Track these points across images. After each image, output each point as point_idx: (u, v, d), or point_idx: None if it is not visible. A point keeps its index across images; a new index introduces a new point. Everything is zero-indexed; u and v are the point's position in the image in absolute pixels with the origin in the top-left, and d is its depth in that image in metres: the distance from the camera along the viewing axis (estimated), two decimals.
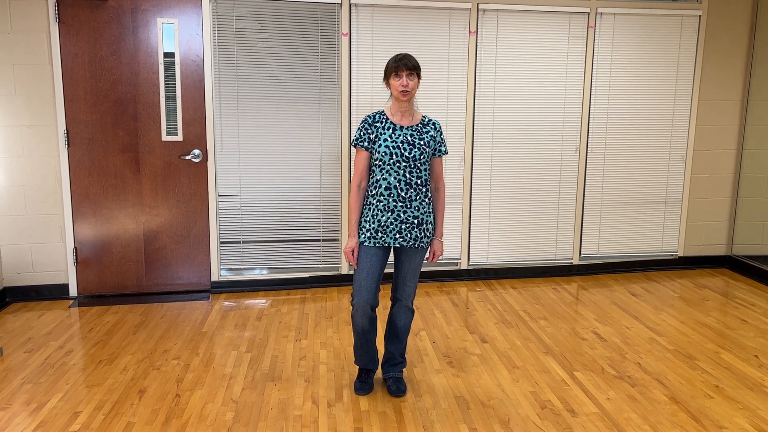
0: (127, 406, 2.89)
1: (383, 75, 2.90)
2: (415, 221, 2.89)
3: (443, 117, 4.64)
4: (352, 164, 4.11)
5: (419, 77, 2.84)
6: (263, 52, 4.35)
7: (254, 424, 2.74)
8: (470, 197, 4.78)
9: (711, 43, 4.93)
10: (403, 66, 2.79)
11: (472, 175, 4.75)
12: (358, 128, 2.90)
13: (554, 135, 4.82)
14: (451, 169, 4.72)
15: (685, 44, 4.90)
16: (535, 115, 4.77)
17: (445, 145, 2.98)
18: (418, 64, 2.82)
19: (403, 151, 2.84)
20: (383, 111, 2.92)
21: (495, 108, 4.71)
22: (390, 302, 3.18)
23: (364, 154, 2.89)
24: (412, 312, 3.07)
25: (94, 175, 4.26)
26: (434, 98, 4.61)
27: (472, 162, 4.74)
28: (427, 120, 2.94)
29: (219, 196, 4.45)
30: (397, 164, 2.84)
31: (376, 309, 3.96)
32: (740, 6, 4.91)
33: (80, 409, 2.85)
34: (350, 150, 4.54)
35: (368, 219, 2.89)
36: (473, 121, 4.69)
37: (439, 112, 4.63)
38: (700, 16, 4.86)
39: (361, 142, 2.88)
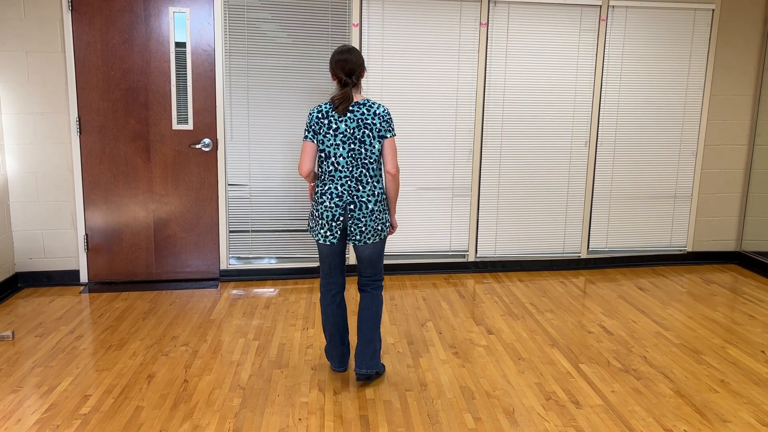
0: (136, 391, 2.93)
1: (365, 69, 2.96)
2: None
3: (453, 109, 4.64)
4: None
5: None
6: (274, 42, 4.36)
7: (261, 410, 2.78)
8: (479, 189, 4.78)
9: (723, 37, 4.90)
10: None
11: (480, 167, 4.76)
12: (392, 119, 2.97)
13: (564, 128, 4.81)
14: (461, 161, 4.72)
15: (697, 38, 4.87)
16: (545, 108, 4.76)
17: None
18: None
19: None
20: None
21: (505, 100, 4.70)
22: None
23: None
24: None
25: (105, 163, 4.30)
26: (444, 90, 4.60)
27: (481, 154, 4.74)
28: None
29: (228, 185, 4.48)
30: None
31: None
32: (753, 0, 4.87)
33: (90, 393, 2.90)
34: None
35: None
36: (483, 113, 4.69)
37: (448, 104, 4.63)
38: (713, 10, 4.82)
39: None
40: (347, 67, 2.86)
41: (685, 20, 4.82)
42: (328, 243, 2.95)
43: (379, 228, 2.95)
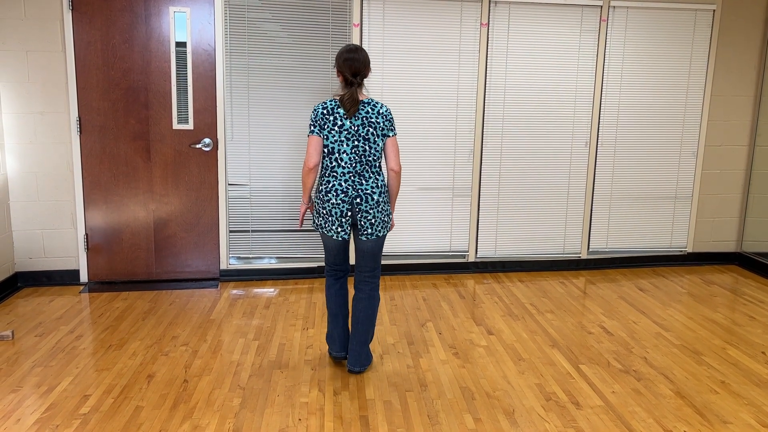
0: (135, 391, 2.93)
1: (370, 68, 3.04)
2: None
3: (453, 109, 4.64)
4: None
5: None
6: (274, 42, 4.36)
7: (261, 411, 2.77)
8: (479, 190, 4.78)
9: (724, 38, 4.89)
10: None
11: (481, 167, 4.75)
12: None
13: (564, 128, 4.81)
14: (461, 161, 4.72)
15: (698, 39, 4.86)
16: (546, 109, 4.76)
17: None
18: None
19: None
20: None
21: (505, 101, 4.70)
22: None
23: None
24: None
25: (105, 163, 4.30)
26: (445, 90, 4.60)
27: (481, 154, 4.73)
28: None
29: (229, 185, 4.48)
30: None
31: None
32: (754, 1, 4.87)
33: (90, 393, 2.89)
34: None
35: None
36: (483, 113, 4.69)
37: (449, 104, 4.63)
38: (713, 10, 4.82)
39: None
40: (354, 67, 2.92)
41: (685, 21, 4.82)
42: (340, 239, 3.02)
43: (386, 219, 3.05)
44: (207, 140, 4.37)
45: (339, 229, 2.99)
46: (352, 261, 4.74)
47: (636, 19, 4.75)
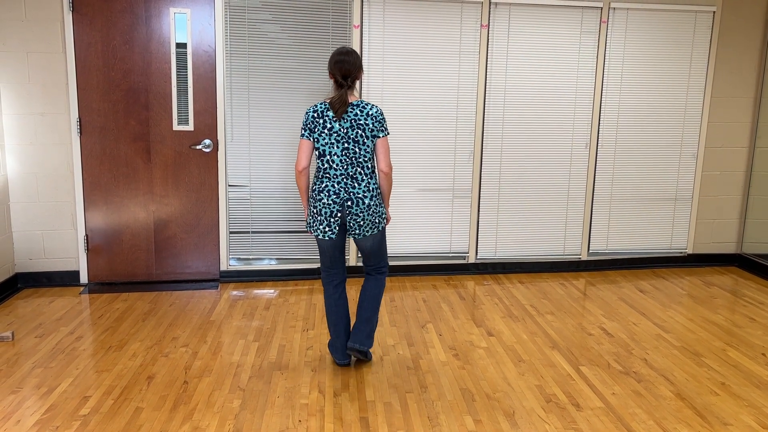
0: (135, 392, 2.92)
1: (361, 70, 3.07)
2: None
3: (453, 110, 4.64)
4: None
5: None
6: (275, 44, 4.36)
7: (261, 412, 2.77)
8: (479, 191, 4.78)
9: (724, 39, 4.89)
10: None
11: (481, 168, 4.75)
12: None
13: (565, 130, 4.81)
14: (461, 162, 4.72)
15: (698, 40, 4.87)
16: (546, 110, 4.76)
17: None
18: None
19: None
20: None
21: (505, 102, 4.70)
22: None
23: None
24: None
25: (105, 164, 4.30)
26: (445, 91, 4.60)
27: (481, 156, 4.73)
28: None
29: (229, 186, 4.48)
30: None
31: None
32: (754, 2, 4.87)
33: (90, 394, 2.89)
34: None
35: None
36: (483, 114, 4.69)
37: (449, 105, 4.63)
38: (714, 12, 4.82)
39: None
40: (344, 69, 2.96)
41: (686, 22, 4.82)
42: (326, 238, 3.04)
43: (377, 221, 3.06)
44: (207, 141, 4.37)
45: (326, 229, 3.02)
46: (350, 263, 4.74)
47: (636, 21, 4.75)
